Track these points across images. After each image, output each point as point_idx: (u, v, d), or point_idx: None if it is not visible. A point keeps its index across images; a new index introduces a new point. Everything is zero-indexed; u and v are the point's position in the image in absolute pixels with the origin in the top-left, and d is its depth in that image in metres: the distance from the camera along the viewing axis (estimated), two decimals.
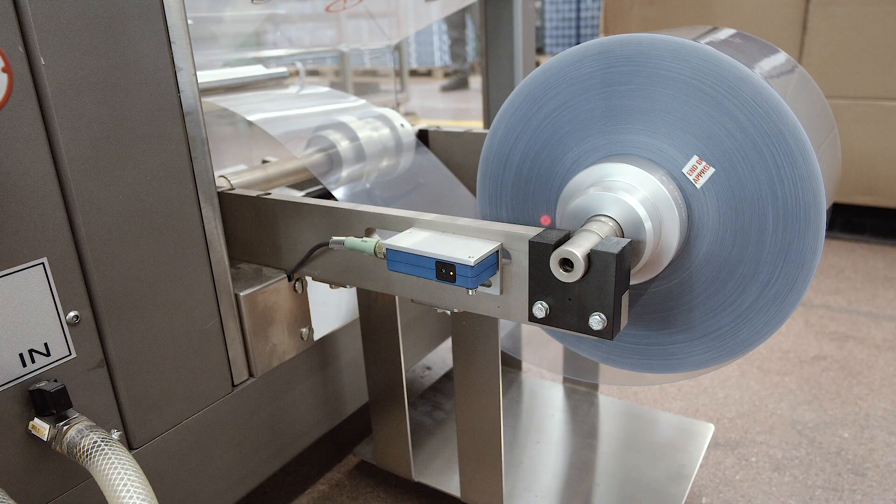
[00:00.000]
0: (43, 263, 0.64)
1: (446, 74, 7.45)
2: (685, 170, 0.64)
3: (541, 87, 0.71)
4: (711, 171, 0.63)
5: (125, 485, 0.57)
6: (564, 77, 0.69)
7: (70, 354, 0.67)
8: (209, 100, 1.25)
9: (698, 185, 0.64)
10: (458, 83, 6.85)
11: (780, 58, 0.81)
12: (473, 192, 1.26)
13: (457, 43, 6.87)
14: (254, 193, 0.88)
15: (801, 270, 0.62)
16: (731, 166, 0.62)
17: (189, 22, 0.72)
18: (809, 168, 0.59)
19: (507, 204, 0.77)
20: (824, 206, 0.60)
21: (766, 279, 0.64)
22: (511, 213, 0.77)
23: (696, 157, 0.64)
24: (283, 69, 1.59)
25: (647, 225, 0.63)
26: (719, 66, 0.61)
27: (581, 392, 1.32)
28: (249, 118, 1.11)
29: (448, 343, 1.49)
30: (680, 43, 0.62)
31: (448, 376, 1.42)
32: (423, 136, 1.32)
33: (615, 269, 0.58)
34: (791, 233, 0.61)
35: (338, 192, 1.14)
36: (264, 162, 1.18)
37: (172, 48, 0.71)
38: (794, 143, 0.59)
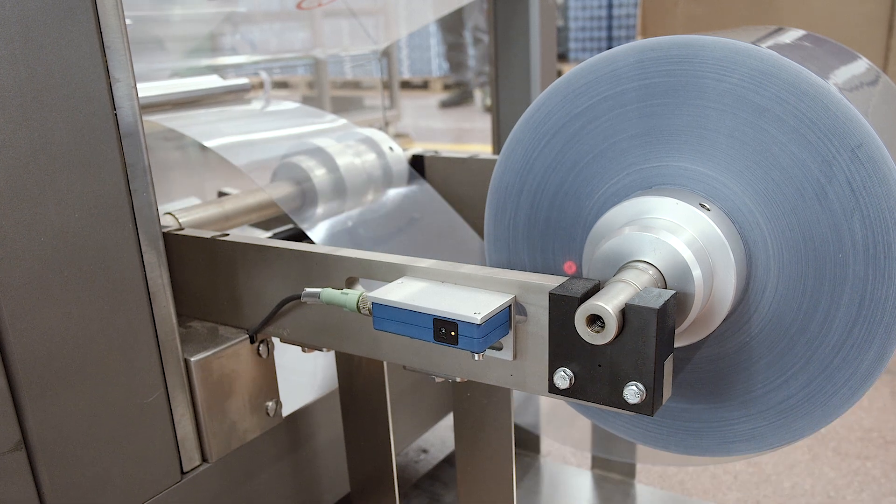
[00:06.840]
0: None
1: (446, 87, 7.52)
2: None
3: (563, 102, 0.71)
4: None
5: None
6: (593, 90, 0.70)
7: None
8: (153, 118, 1.26)
9: None
10: (460, 98, 6.91)
11: (861, 65, 0.82)
12: (479, 231, 1.26)
13: (457, 48, 6.93)
14: (208, 234, 0.88)
15: (884, 328, 0.62)
16: (801, 199, 0.63)
17: (128, 22, 0.73)
18: None
19: (521, 247, 0.77)
20: None
21: (841, 340, 0.64)
22: (527, 259, 0.77)
23: None
24: (244, 80, 1.61)
25: (696, 273, 0.63)
26: (783, 75, 0.61)
27: (614, 480, 1.31)
28: (203, 142, 1.12)
29: (449, 420, 1.48)
30: (734, 47, 0.63)
31: (449, 461, 1.41)
32: (417, 163, 1.33)
33: (656, 328, 0.57)
34: (874, 284, 0.61)
35: (313, 233, 1.14)
36: (221, 195, 1.18)
37: (106, 54, 0.71)
38: (878, 172, 0.60)
